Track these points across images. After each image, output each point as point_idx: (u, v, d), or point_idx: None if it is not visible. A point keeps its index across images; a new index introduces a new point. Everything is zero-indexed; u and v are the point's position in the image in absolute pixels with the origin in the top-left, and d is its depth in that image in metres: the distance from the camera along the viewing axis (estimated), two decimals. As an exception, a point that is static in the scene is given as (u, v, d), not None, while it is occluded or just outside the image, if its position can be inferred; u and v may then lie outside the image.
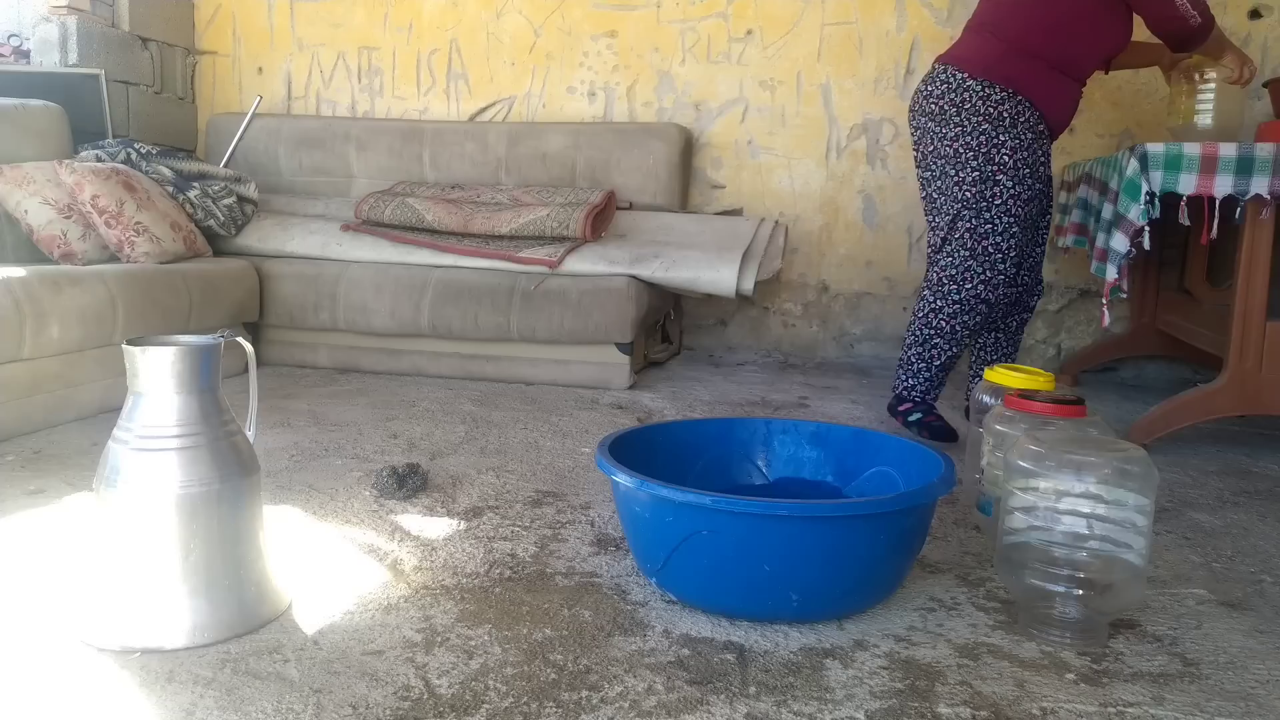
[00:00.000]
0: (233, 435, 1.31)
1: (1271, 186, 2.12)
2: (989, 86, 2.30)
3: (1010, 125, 2.29)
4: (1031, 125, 2.32)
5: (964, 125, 2.33)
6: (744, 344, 3.78)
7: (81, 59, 3.39)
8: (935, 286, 2.40)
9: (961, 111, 2.33)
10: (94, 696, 1.11)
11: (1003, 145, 2.30)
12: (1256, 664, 1.27)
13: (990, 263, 2.34)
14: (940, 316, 2.39)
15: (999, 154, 2.30)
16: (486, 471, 2.07)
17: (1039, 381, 1.79)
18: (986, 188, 2.31)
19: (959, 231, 2.36)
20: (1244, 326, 2.28)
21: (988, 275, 2.35)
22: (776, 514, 1.30)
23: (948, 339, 2.40)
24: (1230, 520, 1.88)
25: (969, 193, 2.33)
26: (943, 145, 2.37)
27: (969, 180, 2.33)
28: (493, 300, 3.00)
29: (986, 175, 2.31)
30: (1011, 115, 2.29)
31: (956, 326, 2.39)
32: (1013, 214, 2.32)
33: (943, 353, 2.41)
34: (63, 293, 2.34)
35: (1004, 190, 2.31)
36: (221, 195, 3.24)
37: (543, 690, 1.14)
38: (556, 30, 3.76)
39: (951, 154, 2.35)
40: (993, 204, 2.31)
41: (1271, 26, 3.28)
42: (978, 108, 2.31)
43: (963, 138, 2.33)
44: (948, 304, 2.38)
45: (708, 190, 3.73)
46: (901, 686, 1.18)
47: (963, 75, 2.33)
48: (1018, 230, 2.33)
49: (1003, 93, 2.30)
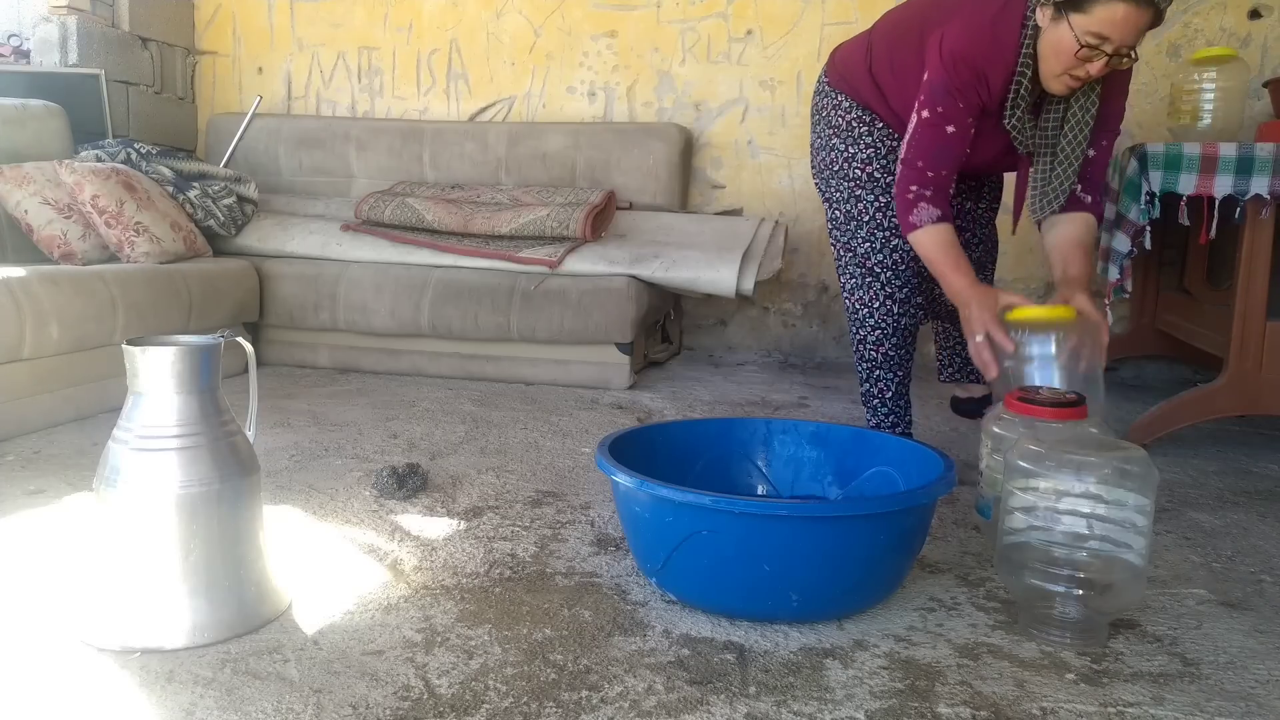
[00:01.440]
0: (233, 435, 1.31)
1: (1271, 186, 2.13)
2: (840, 95, 2.11)
3: (863, 134, 2.08)
4: (887, 135, 2.07)
5: (821, 137, 2.15)
6: (744, 344, 3.78)
7: (81, 59, 3.39)
8: (851, 315, 2.17)
9: (820, 122, 2.15)
10: (94, 696, 1.11)
11: (852, 158, 2.08)
12: (1256, 664, 1.27)
13: (882, 280, 2.10)
14: (867, 346, 2.16)
15: (850, 168, 2.09)
16: (486, 471, 2.07)
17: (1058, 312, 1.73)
18: (851, 205, 2.09)
19: (844, 254, 2.15)
20: (1244, 326, 2.28)
21: (887, 291, 2.10)
22: (776, 514, 1.30)
23: (885, 367, 2.15)
24: (1230, 520, 1.88)
25: (838, 212, 2.13)
26: (814, 156, 2.20)
27: (837, 198, 2.13)
28: (493, 300, 3.00)
29: (845, 192, 2.10)
30: (865, 124, 2.08)
31: (888, 351, 2.14)
32: (886, 228, 2.06)
33: (889, 383, 2.17)
34: (63, 293, 2.34)
35: (868, 205, 2.07)
36: (221, 195, 3.24)
37: (543, 690, 1.14)
38: (556, 30, 3.76)
39: (818, 170, 2.17)
40: (862, 221, 2.08)
41: (1271, 26, 3.28)
42: (829, 117, 2.12)
43: (821, 153, 2.15)
44: (867, 330, 2.14)
45: (708, 190, 3.73)
46: (901, 686, 1.18)
47: (825, 82, 2.15)
48: (899, 243, 2.06)
49: (849, 102, 2.09)
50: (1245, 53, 3.24)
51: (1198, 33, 3.30)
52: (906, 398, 2.23)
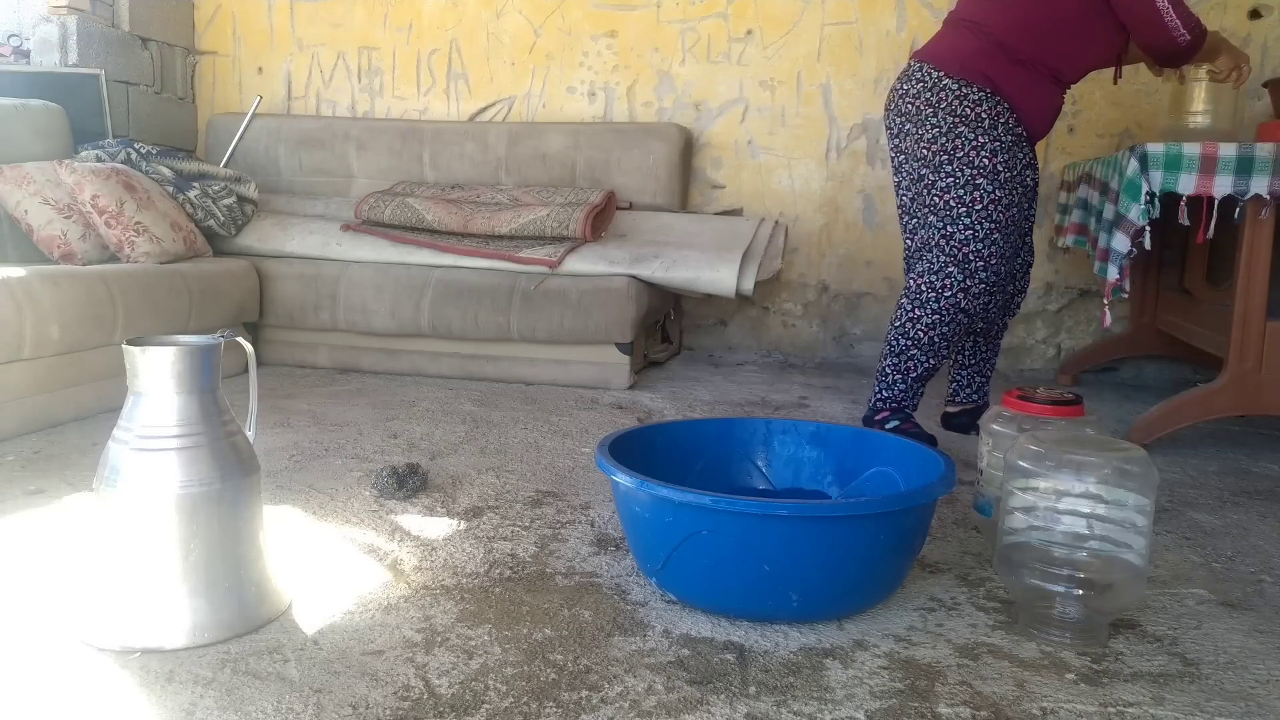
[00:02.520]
0: (233, 435, 1.31)
1: (1271, 186, 2.13)
2: (965, 85, 2.19)
3: (990, 127, 2.18)
4: (1010, 128, 2.20)
5: (940, 126, 2.21)
6: (744, 344, 3.78)
7: (81, 59, 3.39)
8: (914, 295, 2.26)
9: (938, 112, 2.21)
10: (94, 696, 1.11)
11: (982, 148, 2.18)
12: (1256, 664, 1.27)
13: (970, 270, 2.20)
14: (918, 327, 2.25)
15: (978, 157, 2.18)
16: (486, 471, 2.07)
17: None
18: (966, 192, 2.18)
19: (937, 238, 2.23)
20: (1244, 326, 2.28)
21: (968, 284, 2.21)
22: (776, 514, 1.30)
23: (925, 350, 2.26)
24: (1230, 520, 1.88)
25: (948, 198, 2.20)
26: (919, 147, 2.25)
27: (946, 185, 2.20)
28: (493, 300, 3.00)
29: (965, 179, 2.18)
30: (990, 116, 2.18)
31: (935, 337, 2.25)
32: (994, 220, 2.18)
33: (919, 364, 2.27)
34: (63, 293, 2.34)
35: (984, 195, 2.18)
36: (221, 195, 3.24)
37: (543, 690, 1.14)
38: (556, 30, 3.76)
39: (929, 157, 2.23)
40: (973, 209, 2.18)
41: (1271, 26, 3.28)
42: (954, 108, 2.19)
43: (940, 139, 2.21)
44: (926, 313, 2.24)
45: (708, 190, 3.73)
46: (901, 686, 1.18)
47: (939, 74, 2.22)
48: (999, 237, 2.19)
49: (980, 92, 2.18)
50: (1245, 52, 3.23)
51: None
52: (923, 386, 2.35)
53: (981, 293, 2.23)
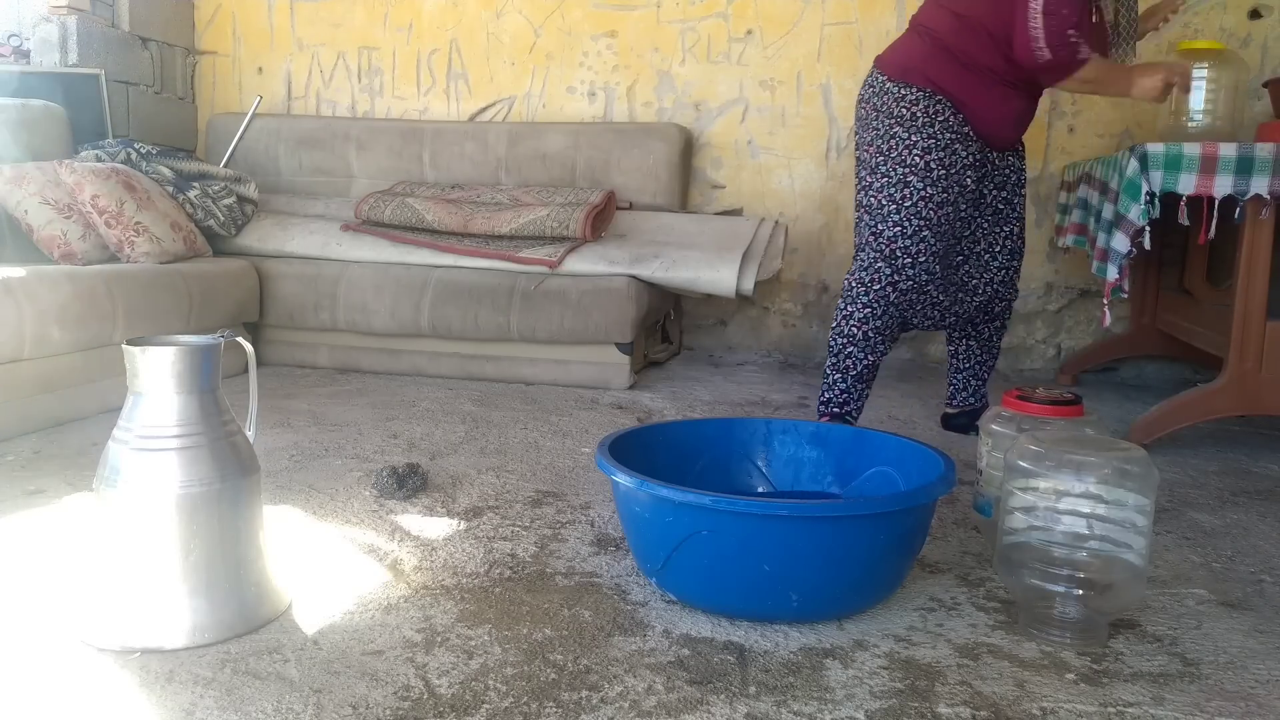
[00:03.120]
0: (233, 435, 1.31)
1: (1271, 186, 2.12)
2: (904, 87, 2.18)
3: (924, 125, 2.15)
4: (952, 127, 2.17)
5: (879, 129, 2.21)
6: (744, 344, 3.78)
7: (81, 59, 3.39)
8: (846, 292, 2.27)
9: (880, 115, 2.21)
10: (94, 696, 1.11)
11: (914, 146, 2.16)
12: (1256, 664, 1.27)
13: (899, 267, 2.19)
14: (851, 323, 2.25)
15: (910, 155, 2.16)
16: (486, 471, 2.07)
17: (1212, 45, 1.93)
18: (897, 190, 2.17)
19: (868, 235, 2.23)
20: (1244, 326, 2.28)
21: (896, 279, 2.19)
22: (777, 514, 1.30)
23: (860, 346, 2.25)
24: (1230, 520, 1.88)
25: (880, 197, 2.20)
26: (863, 151, 2.26)
27: (881, 184, 2.20)
28: (493, 300, 3.00)
29: (897, 178, 2.17)
30: (927, 115, 2.16)
31: (869, 332, 2.24)
32: (924, 217, 2.16)
33: (857, 361, 2.26)
34: (63, 293, 2.34)
35: (915, 192, 2.16)
36: (221, 195, 3.24)
37: (543, 690, 1.14)
38: (556, 30, 3.76)
39: (868, 159, 2.24)
40: (902, 206, 2.17)
41: (1271, 26, 3.28)
42: (892, 110, 2.19)
43: (876, 142, 2.21)
44: (857, 309, 2.23)
45: (708, 190, 3.73)
46: (901, 686, 1.18)
47: (884, 78, 2.23)
48: (929, 234, 2.17)
49: (918, 92, 2.17)
50: (1245, 53, 3.24)
51: (1198, 33, 3.30)
52: (866, 388, 2.33)
53: (910, 289, 2.21)
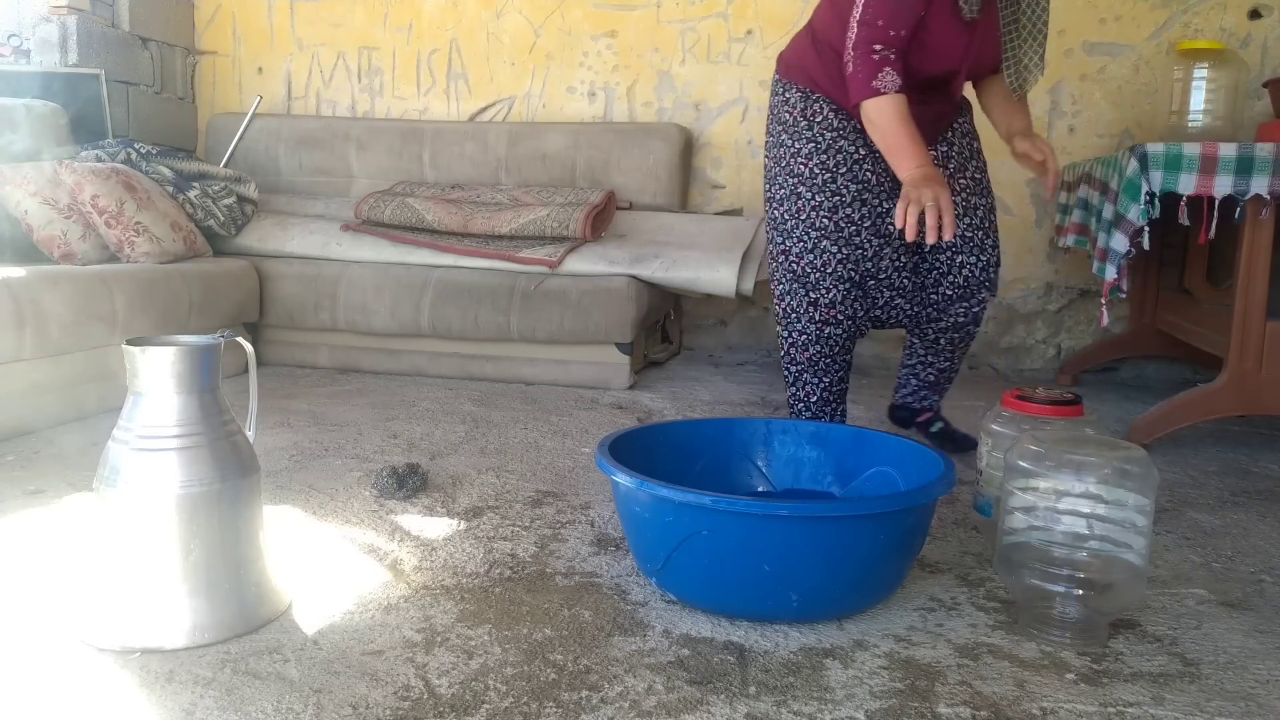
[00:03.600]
0: (233, 435, 1.31)
1: (1271, 186, 2.12)
2: (787, 88, 2.07)
3: (805, 129, 2.03)
4: (833, 125, 2.02)
5: (771, 136, 2.10)
6: (744, 344, 3.78)
7: (81, 59, 3.38)
8: (779, 319, 2.15)
9: (771, 120, 2.11)
10: (94, 696, 1.11)
11: (798, 153, 2.03)
12: (1256, 664, 1.27)
13: (811, 284, 2.04)
14: (796, 348, 2.12)
15: (795, 163, 2.04)
16: (486, 471, 2.07)
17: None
18: (790, 203, 2.05)
19: (775, 254, 2.11)
20: (1244, 326, 2.28)
21: (814, 297, 2.05)
22: (777, 514, 1.30)
23: (813, 371, 2.12)
24: (1230, 520, 1.88)
25: (780, 211, 2.08)
26: (765, 158, 2.16)
27: (779, 197, 2.08)
28: (493, 300, 3.00)
29: (789, 189, 2.05)
30: (805, 117, 2.03)
31: (814, 357, 2.10)
32: (819, 228, 2.02)
33: (815, 387, 2.13)
34: (63, 293, 2.34)
35: (806, 203, 2.03)
36: (221, 195, 3.24)
37: (543, 690, 1.14)
38: (556, 30, 3.76)
39: (766, 168, 2.13)
40: (799, 219, 2.04)
41: (1271, 26, 3.28)
42: (779, 114, 2.08)
43: (771, 150, 2.10)
44: (793, 334, 2.11)
45: (708, 190, 3.73)
46: (901, 686, 1.18)
47: (776, 78, 2.12)
48: (828, 244, 2.02)
49: (797, 92, 2.05)
50: (1245, 53, 3.24)
51: (1198, 33, 3.30)
52: (835, 405, 2.18)
53: (833, 302, 2.04)
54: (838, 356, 2.12)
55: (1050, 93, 3.41)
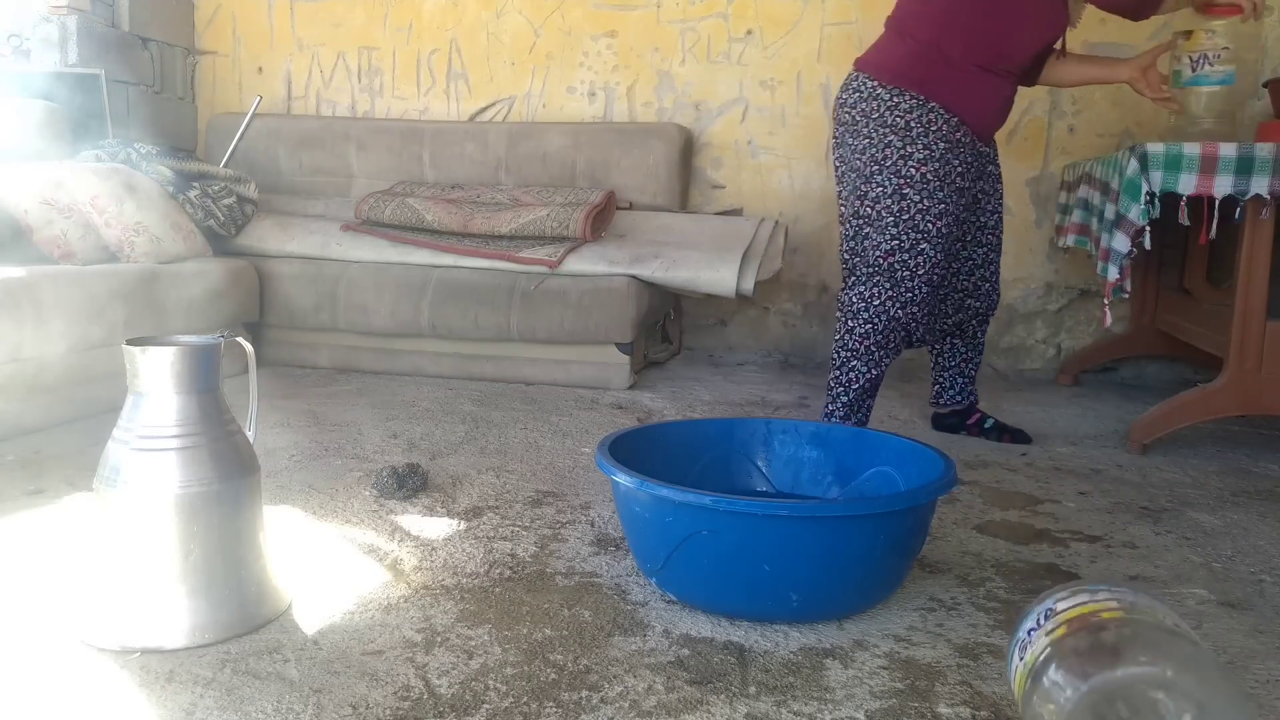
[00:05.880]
0: (233, 435, 1.31)
1: (1271, 186, 2.12)
2: (898, 94, 2.15)
3: (920, 135, 2.14)
4: (945, 135, 2.15)
5: (871, 136, 2.18)
6: (744, 344, 3.78)
7: (81, 59, 3.38)
8: (846, 308, 2.26)
9: (870, 121, 2.18)
10: (94, 696, 1.11)
11: (910, 157, 2.14)
12: (1256, 664, 1.27)
13: (897, 280, 2.19)
14: (854, 338, 2.24)
15: (905, 166, 2.15)
16: (486, 471, 2.07)
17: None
18: (894, 202, 2.16)
19: (866, 249, 2.22)
20: (1244, 326, 2.28)
21: (895, 293, 2.19)
22: (777, 514, 1.30)
23: (864, 360, 2.24)
24: (1230, 520, 1.88)
25: (876, 208, 2.19)
26: (853, 156, 2.23)
27: (876, 195, 2.18)
28: (493, 300, 3.00)
29: (893, 189, 2.16)
30: (921, 125, 2.14)
31: (871, 347, 2.23)
32: (921, 230, 2.16)
33: (860, 375, 2.25)
34: (63, 293, 2.34)
35: (912, 205, 2.15)
36: (221, 195, 3.24)
37: (543, 690, 1.14)
38: (556, 30, 3.76)
39: (861, 167, 2.21)
40: (900, 219, 2.16)
41: (1272, 26, 3.28)
42: (885, 118, 2.16)
43: (870, 149, 2.18)
44: (859, 324, 2.23)
45: (708, 190, 3.73)
46: (901, 686, 1.18)
47: (873, 83, 2.19)
48: (927, 247, 2.17)
49: (913, 100, 2.14)
50: None
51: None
52: (870, 399, 2.31)
53: (910, 301, 2.20)
54: (890, 352, 2.27)
55: (1050, 92, 3.41)
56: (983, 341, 2.50)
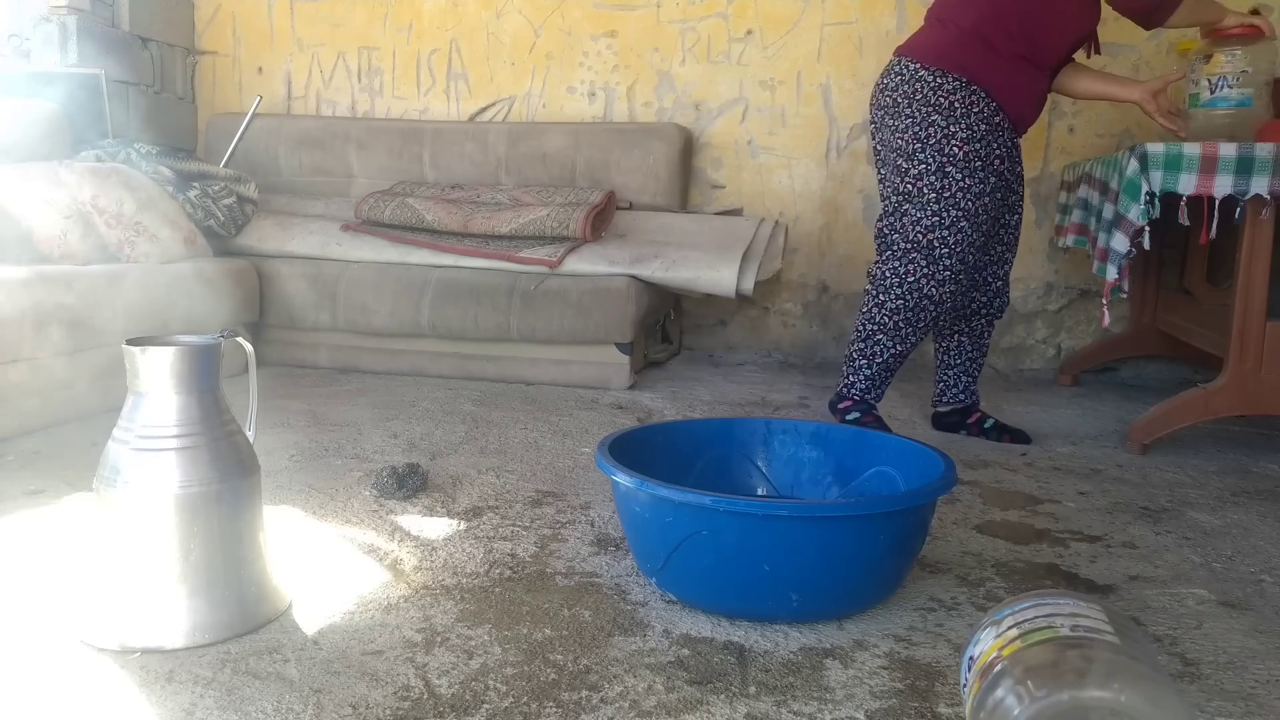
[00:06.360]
0: (233, 435, 1.31)
1: (1271, 186, 2.12)
2: (941, 75, 2.20)
3: (963, 115, 2.19)
4: (986, 117, 2.20)
5: (914, 116, 2.22)
6: (744, 344, 3.78)
7: (81, 59, 3.38)
8: (878, 281, 2.30)
9: (913, 102, 2.22)
10: (94, 696, 1.11)
11: (953, 136, 2.19)
12: (1256, 664, 1.27)
13: (935, 257, 2.23)
14: (883, 312, 2.29)
15: (949, 145, 2.19)
16: (486, 471, 2.07)
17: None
18: (936, 179, 2.20)
19: (905, 224, 2.26)
20: (1244, 326, 2.28)
21: (931, 270, 2.24)
22: (776, 514, 1.30)
23: (891, 335, 2.29)
24: (1230, 520, 1.88)
25: (918, 185, 2.23)
26: (894, 137, 2.27)
27: (918, 172, 2.23)
28: (493, 300, 3.00)
29: (936, 167, 2.20)
30: (964, 105, 2.19)
31: (899, 323, 2.28)
32: (961, 208, 2.21)
33: (885, 349, 2.31)
34: (63, 293, 2.34)
35: (954, 183, 2.20)
36: (221, 195, 3.24)
37: (543, 690, 1.14)
38: (556, 30, 3.76)
39: (902, 145, 2.25)
40: (942, 196, 2.20)
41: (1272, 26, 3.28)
42: (929, 98, 2.21)
43: (913, 129, 2.23)
44: (890, 298, 2.28)
45: (708, 190, 3.73)
46: (901, 686, 1.18)
47: (916, 65, 2.24)
48: (966, 225, 2.22)
49: (955, 81, 2.19)
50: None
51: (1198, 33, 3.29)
52: (890, 378, 2.36)
53: (947, 279, 2.24)
54: (918, 330, 2.31)
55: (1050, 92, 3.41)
56: (988, 343, 2.51)
